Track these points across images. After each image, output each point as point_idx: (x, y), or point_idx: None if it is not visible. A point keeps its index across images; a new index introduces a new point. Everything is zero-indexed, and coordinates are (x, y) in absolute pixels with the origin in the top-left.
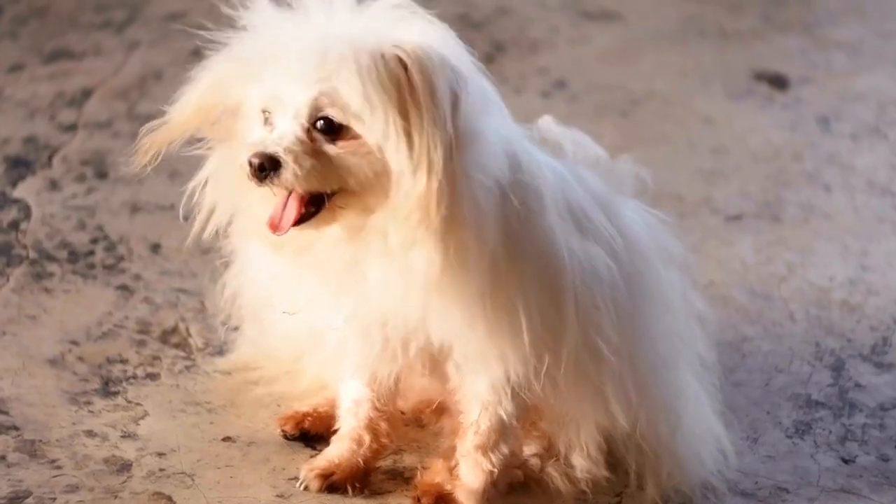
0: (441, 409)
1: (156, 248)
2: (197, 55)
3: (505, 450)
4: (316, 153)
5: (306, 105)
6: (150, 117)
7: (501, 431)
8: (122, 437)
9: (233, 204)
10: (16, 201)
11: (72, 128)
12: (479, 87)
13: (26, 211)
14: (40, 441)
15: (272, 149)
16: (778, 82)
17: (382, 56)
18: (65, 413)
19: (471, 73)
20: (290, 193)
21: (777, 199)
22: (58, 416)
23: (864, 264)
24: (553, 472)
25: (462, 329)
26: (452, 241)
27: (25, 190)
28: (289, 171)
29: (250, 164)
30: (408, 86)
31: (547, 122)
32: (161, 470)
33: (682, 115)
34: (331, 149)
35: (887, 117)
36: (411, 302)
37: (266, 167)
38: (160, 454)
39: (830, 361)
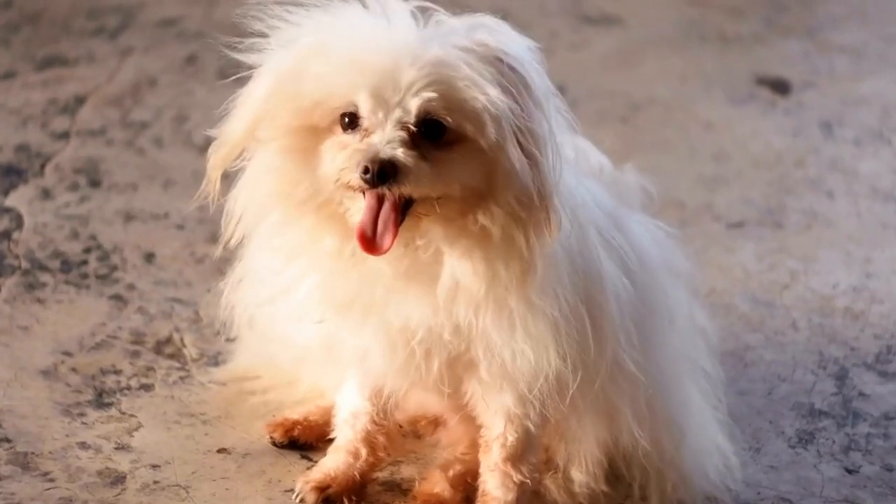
0: (438, 421)
1: (150, 257)
2: (191, 61)
3: (533, 459)
4: (424, 157)
5: (415, 107)
6: (144, 125)
7: (528, 442)
8: (116, 448)
9: (263, 214)
10: (8, 210)
11: (65, 135)
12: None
13: (18, 220)
14: (33, 453)
15: (388, 153)
16: (780, 87)
17: (493, 57)
18: (58, 425)
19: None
20: (377, 203)
21: (779, 206)
22: (50, 427)
23: (867, 271)
24: (550, 485)
25: (536, 335)
26: (547, 249)
27: (17, 199)
28: (411, 178)
29: (367, 170)
30: (523, 86)
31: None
32: (155, 482)
33: (683, 120)
34: (440, 153)
35: (891, 122)
36: (488, 309)
37: (388, 173)
38: (154, 466)
39: (834, 370)
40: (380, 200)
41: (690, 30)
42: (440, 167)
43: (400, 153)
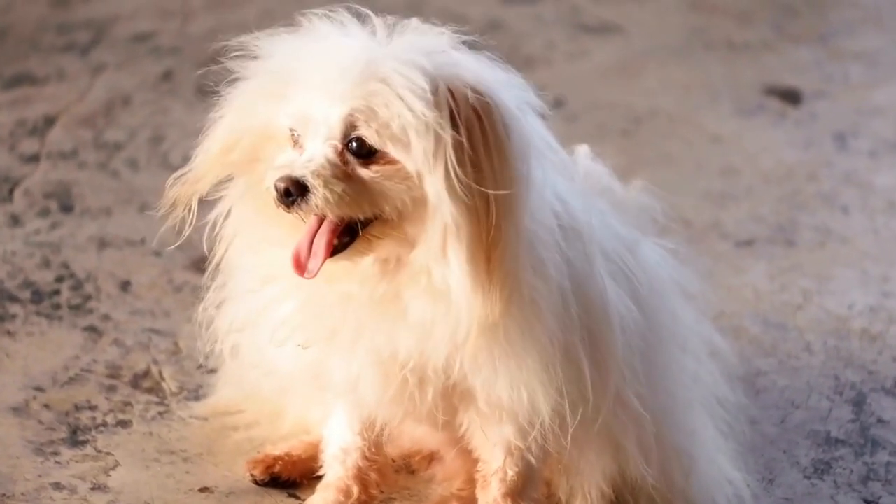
0: (433, 456)
1: (125, 285)
2: (167, 78)
3: (534, 494)
4: (348, 177)
5: (339, 123)
6: (117, 146)
7: (529, 476)
8: (92, 489)
9: (255, 234)
10: None
11: (34, 158)
12: (530, 124)
13: None
14: (4, 495)
15: (299, 172)
16: (791, 97)
17: (433, 80)
18: (30, 464)
19: (521, 110)
20: (319, 224)
21: (791, 223)
22: (22, 467)
23: (885, 290)
24: None
25: (522, 380)
26: (516, 290)
27: None
28: (318, 197)
29: (276, 188)
30: (482, 128)
31: (582, 152)
32: None
33: (689, 133)
34: (365, 172)
35: None
36: (462, 349)
37: (292, 192)
38: None
39: (851, 396)
40: (321, 222)
41: (695, 37)
42: (366, 188)
43: (308, 172)
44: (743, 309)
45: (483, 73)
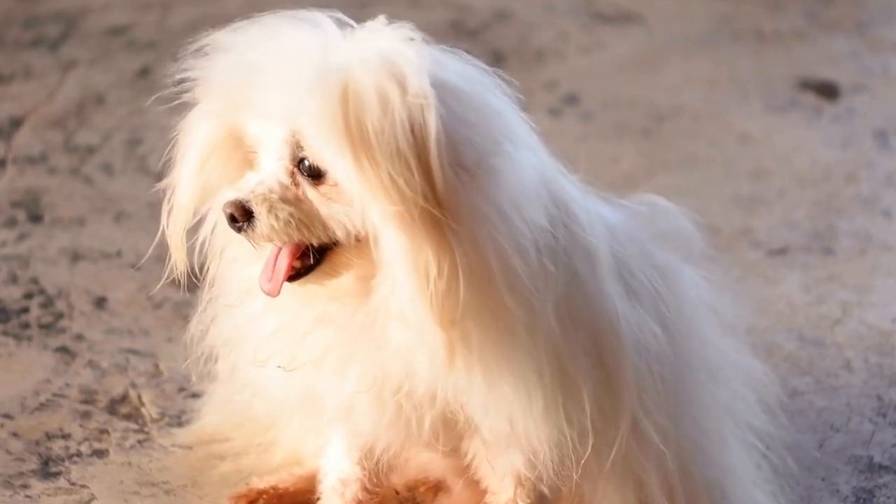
0: (439, 486)
1: (100, 302)
2: (144, 75)
3: None
4: (298, 200)
5: (284, 144)
6: (90, 149)
7: None
8: None
9: (239, 246)
10: None
11: None
12: (496, 117)
13: None
14: None
15: (244, 196)
16: (826, 91)
17: (383, 95)
18: None
19: (479, 102)
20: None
21: (828, 229)
22: None
23: None
24: None
25: (514, 409)
26: (487, 312)
27: None
28: (262, 223)
29: (224, 213)
30: (423, 125)
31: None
32: None
33: (715, 132)
34: (313, 194)
35: None
36: (444, 377)
37: (237, 218)
38: None
39: (895, 418)
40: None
41: (721, 27)
42: (315, 211)
43: (253, 197)
44: (776, 323)
45: (443, 74)
